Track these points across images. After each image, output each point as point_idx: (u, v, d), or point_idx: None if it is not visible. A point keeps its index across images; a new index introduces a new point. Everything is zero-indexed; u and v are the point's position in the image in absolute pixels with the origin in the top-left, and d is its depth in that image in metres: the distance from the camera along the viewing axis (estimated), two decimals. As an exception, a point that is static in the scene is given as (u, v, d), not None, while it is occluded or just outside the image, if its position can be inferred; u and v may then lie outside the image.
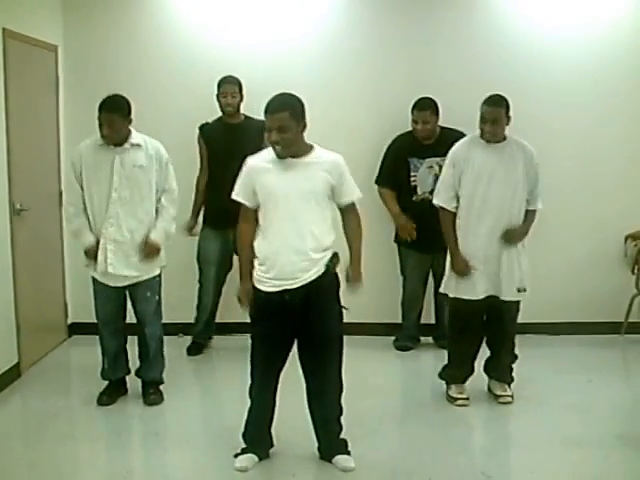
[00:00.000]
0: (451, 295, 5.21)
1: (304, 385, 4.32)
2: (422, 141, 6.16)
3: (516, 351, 5.37)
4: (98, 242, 5.03)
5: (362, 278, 4.26)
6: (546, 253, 6.74)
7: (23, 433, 5.06)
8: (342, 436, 4.37)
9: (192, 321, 6.49)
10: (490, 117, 5.02)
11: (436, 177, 5.71)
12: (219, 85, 6.14)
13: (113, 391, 5.37)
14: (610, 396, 5.48)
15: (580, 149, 6.71)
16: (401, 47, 6.70)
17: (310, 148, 4.16)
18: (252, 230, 4.20)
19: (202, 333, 6.45)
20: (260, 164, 4.15)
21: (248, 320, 4.34)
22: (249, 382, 4.30)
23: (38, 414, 5.18)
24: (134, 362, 5.45)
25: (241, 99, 6.17)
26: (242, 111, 6.23)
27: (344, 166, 4.19)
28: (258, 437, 4.38)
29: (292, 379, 4.37)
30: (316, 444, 4.38)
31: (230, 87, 6.11)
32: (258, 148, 4.44)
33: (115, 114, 4.95)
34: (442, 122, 6.25)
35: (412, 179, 6.16)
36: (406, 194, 6.20)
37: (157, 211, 5.14)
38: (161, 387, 5.37)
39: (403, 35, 6.69)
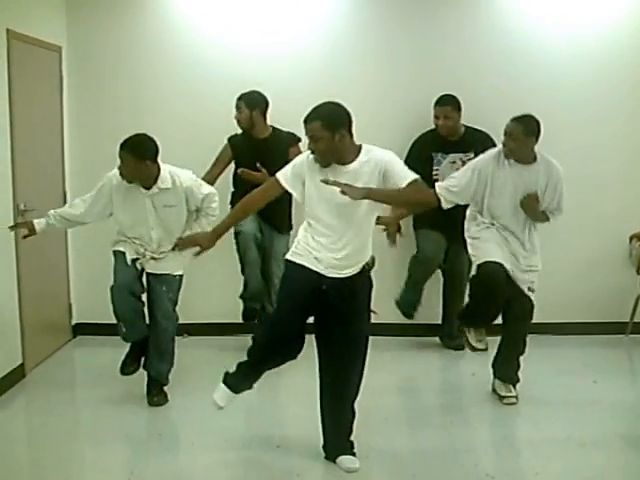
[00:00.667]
0: (478, 262, 5.19)
1: (317, 384, 4.31)
2: (446, 137, 6.24)
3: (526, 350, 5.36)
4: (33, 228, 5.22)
5: (359, 193, 3.98)
6: (551, 253, 6.69)
7: (27, 434, 5.07)
8: (350, 438, 4.36)
9: (197, 321, 6.53)
10: (506, 130, 5.10)
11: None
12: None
13: (135, 359, 5.38)
14: (615, 397, 5.47)
15: (584, 148, 6.69)
16: (406, 47, 6.70)
17: (357, 153, 4.10)
18: (262, 204, 4.27)
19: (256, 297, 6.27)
20: (311, 166, 4.12)
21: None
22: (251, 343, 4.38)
23: (42, 415, 5.18)
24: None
25: (249, 114, 6.08)
26: (270, 122, 6.20)
27: (390, 160, 4.09)
28: (244, 378, 4.36)
29: (298, 377, 4.36)
30: (321, 442, 4.37)
31: (237, 103, 6.09)
32: (286, 162, 4.39)
33: (129, 155, 4.98)
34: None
35: (435, 173, 6.19)
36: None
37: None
38: (165, 388, 5.36)
39: (407, 35, 6.69)
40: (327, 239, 4.07)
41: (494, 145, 5.66)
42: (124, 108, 6.71)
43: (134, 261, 5.19)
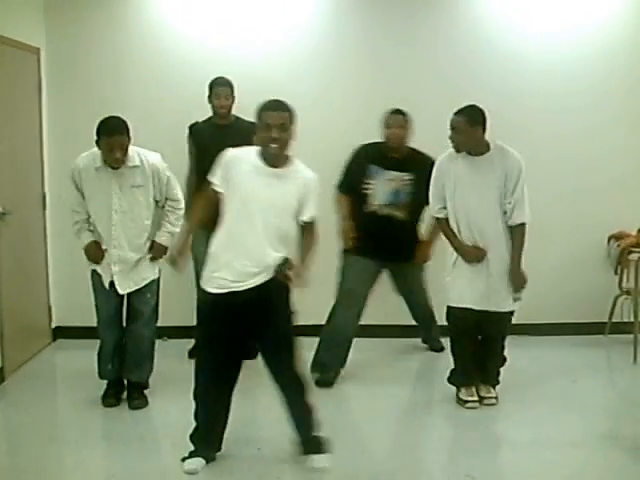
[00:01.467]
0: (450, 304, 5.27)
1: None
2: (389, 152, 5.70)
3: (505, 354, 5.40)
4: (96, 242, 5.13)
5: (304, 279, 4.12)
6: (529, 254, 6.69)
7: (6, 437, 5.05)
8: (318, 434, 4.35)
9: (178, 324, 6.49)
10: (451, 125, 5.11)
11: (395, 192, 5.61)
12: (211, 86, 6.08)
13: (116, 390, 5.37)
14: (594, 396, 5.53)
15: (561, 151, 6.74)
16: (387, 46, 6.71)
17: (290, 161, 4.16)
18: (207, 211, 4.25)
19: None
20: (243, 158, 4.14)
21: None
22: (193, 385, 4.32)
23: (22, 418, 5.16)
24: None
25: (233, 100, 6.13)
26: (233, 112, 6.19)
27: (316, 186, 4.20)
28: (207, 441, 4.38)
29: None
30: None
31: (224, 90, 6.06)
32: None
33: (124, 136, 4.93)
34: (429, 123, 6.24)
35: (368, 187, 5.66)
36: (360, 202, 5.72)
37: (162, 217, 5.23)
38: (146, 391, 5.35)
39: (389, 34, 6.69)
40: (245, 242, 4.08)
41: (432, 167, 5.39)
42: (105, 109, 6.54)
43: (111, 285, 5.15)
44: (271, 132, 4.00)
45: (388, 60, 6.73)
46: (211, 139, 5.92)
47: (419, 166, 5.58)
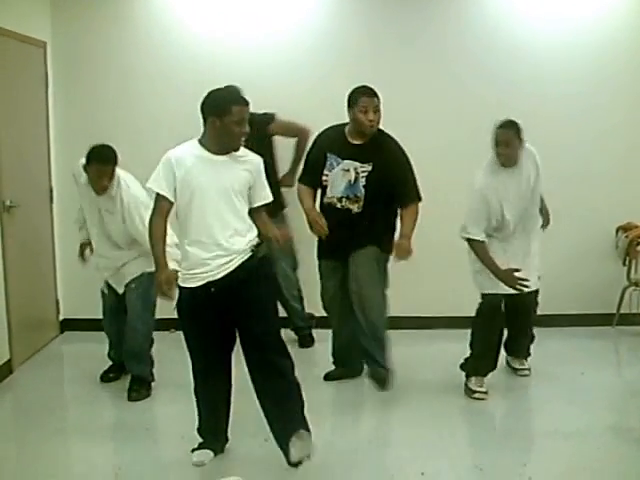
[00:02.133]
0: (485, 291, 5.24)
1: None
2: (349, 138, 5.27)
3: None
4: (84, 244, 5.61)
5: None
6: (537, 245, 6.75)
7: (15, 429, 5.06)
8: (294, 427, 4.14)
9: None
10: (503, 139, 5.06)
11: (349, 183, 5.20)
12: None
13: (118, 369, 5.61)
14: (602, 388, 5.51)
15: (570, 141, 6.70)
16: (389, 41, 6.68)
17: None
18: (165, 224, 4.12)
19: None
20: (184, 154, 4.09)
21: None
22: (192, 382, 4.31)
23: (30, 410, 5.17)
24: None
25: None
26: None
27: (262, 169, 4.20)
28: (212, 433, 4.39)
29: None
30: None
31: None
32: (262, 142, 4.33)
33: (111, 166, 5.12)
34: (438, 113, 6.23)
35: (324, 178, 5.29)
36: (322, 195, 5.42)
37: None
38: (153, 384, 5.38)
39: (392, 30, 6.67)
40: (210, 233, 4.05)
41: (403, 157, 5.27)
42: (111, 104, 6.69)
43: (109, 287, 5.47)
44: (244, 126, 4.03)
45: (390, 55, 6.69)
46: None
47: (385, 153, 5.22)
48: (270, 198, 4.26)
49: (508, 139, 5.03)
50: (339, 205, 5.24)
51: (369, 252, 5.26)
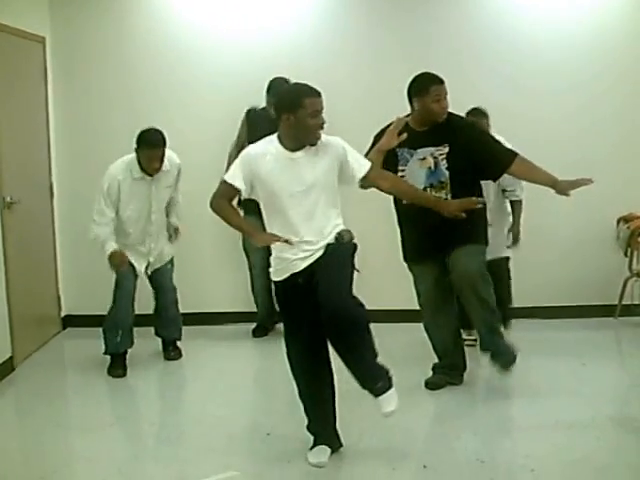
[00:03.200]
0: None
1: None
2: (414, 127, 4.92)
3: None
4: (120, 251, 5.54)
5: None
6: (538, 237, 6.74)
7: (17, 425, 5.07)
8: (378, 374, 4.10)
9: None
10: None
11: (430, 171, 4.95)
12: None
13: (123, 363, 5.74)
14: (604, 379, 5.51)
15: (570, 132, 6.70)
16: (386, 34, 6.68)
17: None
18: (229, 204, 4.13)
19: (265, 318, 6.62)
20: (264, 151, 4.05)
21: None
22: (295, 386, 4.24)
23: (32, 407, 5.18)
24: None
25: None
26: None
27: (345, 144, 4.13)
28: (323, 430, 4.27)
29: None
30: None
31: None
32: None
33: (163, 148, 5.50)
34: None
35: (400, 175, 4.94)
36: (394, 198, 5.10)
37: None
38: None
39: (388, 22, 6.67)
40: (295, 231, 4.02)
41: (474, 126, 5.24)
42: (111, 98, 6.69)
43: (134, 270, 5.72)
44: (320, 118, 3.97)
45: (389, 48, 6.69)
46: (260, 127, 5.82)
47: (458, 133, 4.98)
48: (369, 164, 4.18)
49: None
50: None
51: (472, 250, 5.03)
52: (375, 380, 4.02)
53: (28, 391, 5.49)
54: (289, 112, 3.94)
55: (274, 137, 4.07)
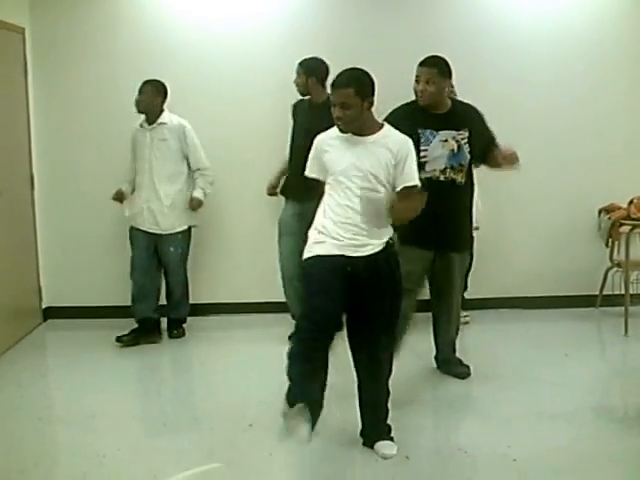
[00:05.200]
0: None
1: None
2: (430, 110, 5.02)
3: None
4: (122, 191, 6.17)
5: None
6: (520, 228, 6.79)
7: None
8: (387, 422, 4.32)
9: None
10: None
11: (452, 152, 4.99)
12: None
13: (137, 332, 6.12)
14: (586, 369, 5.53)
15: (551, 123, 6.72)
16: (371, 23, 6.65)
17: (379, 127, 4.09)
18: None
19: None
20: (327, 140, 4.12)
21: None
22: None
23: (13, 399, 5.14)
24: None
25: (307, 78, 5.96)
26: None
27: (410, 149, 4.10)
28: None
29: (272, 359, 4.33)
30: (358, 428, 4.34)
31: (297, 67, 6.00)
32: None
33: (153, 86, 6.05)
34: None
35: (422, 154, 4.86)
36: None
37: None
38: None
39: (371, 11, 6.64)
40: (345, 214, 4.02)
41: (484, 121, 5.22)
42: (92, 89, 6.64)
43: (145, 232, 6.10)
44: (335, 111, 4.00)
45: (373, 37, 6.66)
46: (301, 117, 6.04)
47: (473, 119, 5.13)
48: (415, 181, 4.10)
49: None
50: (442, 177, 4.97)
51: (463, 260, 5.27)
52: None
53: (8, 383, 5.44)
54: None
55: None
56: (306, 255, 4.11)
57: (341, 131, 4.05)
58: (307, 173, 4.21)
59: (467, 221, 5.24)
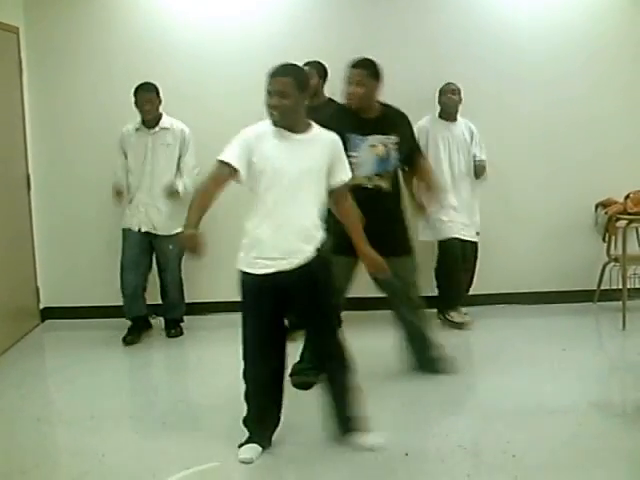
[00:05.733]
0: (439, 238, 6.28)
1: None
2: (359, 113, 4.94)
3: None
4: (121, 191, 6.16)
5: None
6: (517, 224, 6.79)
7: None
8: (358, 415, 4.31)
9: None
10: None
11: (379, 159, 4.92)
12: None
13: (136, 330, 6.21)
14: (584, 364, 5.53)
15: (547, 119, 6.72)
16: (368, 21, 6.64)
17: (309, 125, 4.04)
18: (216, 195, 3.99)
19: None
20: (259, 132, 4.00)
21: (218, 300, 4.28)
22: (242, 365, 4.20)
23: (12, 399, 5.14)
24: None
25: (319, 79, 6.00)
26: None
27: (342, 147, 4.12)
28: (259, 423, 4.25)
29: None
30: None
31: (310, 68, 5.92)
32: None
33: (155, 94, 6.03)
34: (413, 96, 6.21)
35: (351, 160, 4.49)
36: None
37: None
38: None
39: (369, 8, 6.64)
40: (285, 214, 3.97)
41: (411, 127, 5.27)
42: (86, 89, 6.62)
43: (140, 232, 6.08)
44: (272, 99, 3.93)
45: (371, 33, 6.62)
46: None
47: (399, 124, 5.07)
48: (348, 176, 4.15)
49: (453, 90, 6.21)
50: (369, 185, 4.89)
51: (404, 264, 5.09)
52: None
53: (7, 384, 5.44)
54: None
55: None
56: (245, 269, 4.11)
57: (274, 124, 3.95)
58: (223, 157, 3.93)
59: (398, 227, 5.11)
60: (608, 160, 6.78)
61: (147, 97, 5.98)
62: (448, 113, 6.32)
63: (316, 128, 4.06)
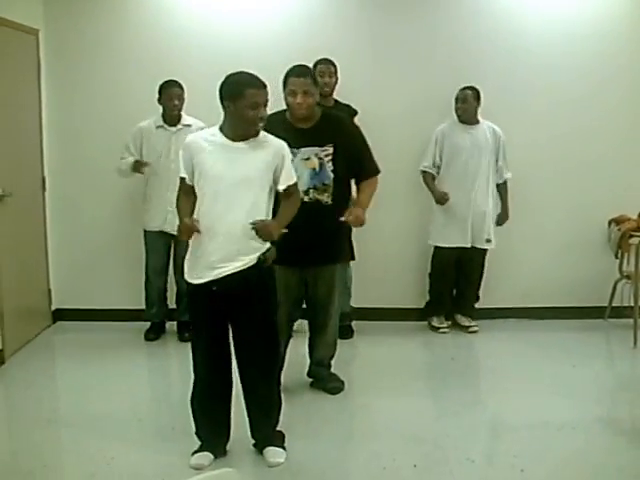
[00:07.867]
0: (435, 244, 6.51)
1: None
2: (295, 124, 4.78)
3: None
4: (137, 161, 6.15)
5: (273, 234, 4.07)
6: (529, 238, 6.78)
7: (6, 420, 5.04)
8: (276, 429, 4.32)
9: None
10: (462, 97, 6.38)
11: (314, 172, 4.78)
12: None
13: (158, 329, 6.40)
14: (593, 380, 5.52)
15: (562, 133, 6.70)
16: (380, 19, 6.61)
17: (257, 132, 4.03)
18: (190, 201, 4.05)
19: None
20: (199, 142, 4.02)
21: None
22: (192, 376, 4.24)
23: (22, 401, 5.16)
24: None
25: (336, 81, 6.03)
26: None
27: (287, 151, 4.10)
28: (212, 434, 4.29)
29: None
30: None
31: (325, 66, 5.98)
32: None
33: (181, 90, 6.16)
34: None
35: None
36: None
37: None
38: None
39: (379, 12, 6.61)
40: (221, 221, 3.96)
41: (357, 130, 5.06)
42: (103, 91, 6.65)
43: (162, 234, 6.09)
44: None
45: (381, 33, 6.61)
46: None
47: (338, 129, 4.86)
48: (294, 180, 4.14)
49: (465, 97, 6.30)
50: (306, 199, 4.69)
51: (332, 273, 5.05)
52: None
53: (18, 385, 5.46)
54: (229, 100, 3.94)
55: (216, 127, 4.06)
56: (186, 277, 4.10)
57: (266, 130, 4.02)
58: (180, 172, 4.10)
59: (338, 235, 4.99)
60: (622, 176, 6.76)
61: (177, 92, 6.10)
62: (465, 118, 6.36)
63: (262, 135, 4.04)
